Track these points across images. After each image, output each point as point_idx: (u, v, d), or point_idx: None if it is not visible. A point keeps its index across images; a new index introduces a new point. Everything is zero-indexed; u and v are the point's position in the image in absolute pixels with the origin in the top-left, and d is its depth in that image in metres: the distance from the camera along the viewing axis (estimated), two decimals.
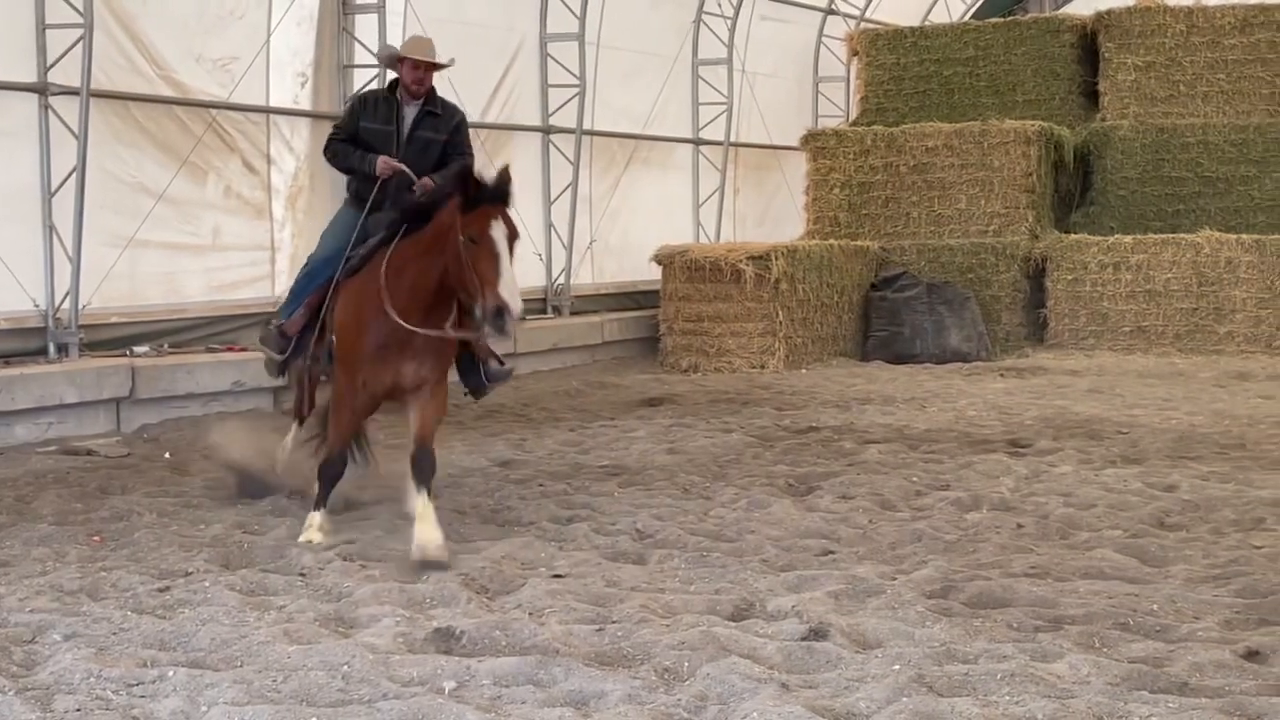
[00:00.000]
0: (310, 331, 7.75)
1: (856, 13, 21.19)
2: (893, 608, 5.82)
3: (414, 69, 7.82)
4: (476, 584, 6.26)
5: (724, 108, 18.99)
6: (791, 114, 20.54)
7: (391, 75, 8.22)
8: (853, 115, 20.32)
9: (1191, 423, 11.18)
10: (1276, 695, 4.75)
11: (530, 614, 5.76)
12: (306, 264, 8.04)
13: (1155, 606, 5.86)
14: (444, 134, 7.93)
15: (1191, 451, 9.79)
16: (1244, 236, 16.16)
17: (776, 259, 15.35)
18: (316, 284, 7.73)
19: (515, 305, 6.71)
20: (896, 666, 5.05)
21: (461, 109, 8.16)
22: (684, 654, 5.18)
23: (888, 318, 16.53)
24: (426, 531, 6.72)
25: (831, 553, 6.93)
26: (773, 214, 20.38)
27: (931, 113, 18.53)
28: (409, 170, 7.62)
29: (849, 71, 20.77)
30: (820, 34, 21.16)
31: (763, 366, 15.30)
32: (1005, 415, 11.74)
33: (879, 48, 19.32)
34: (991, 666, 4.99)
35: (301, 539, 7.08)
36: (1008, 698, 4.73)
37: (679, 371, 15.38)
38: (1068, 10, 21.35)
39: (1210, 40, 17.50)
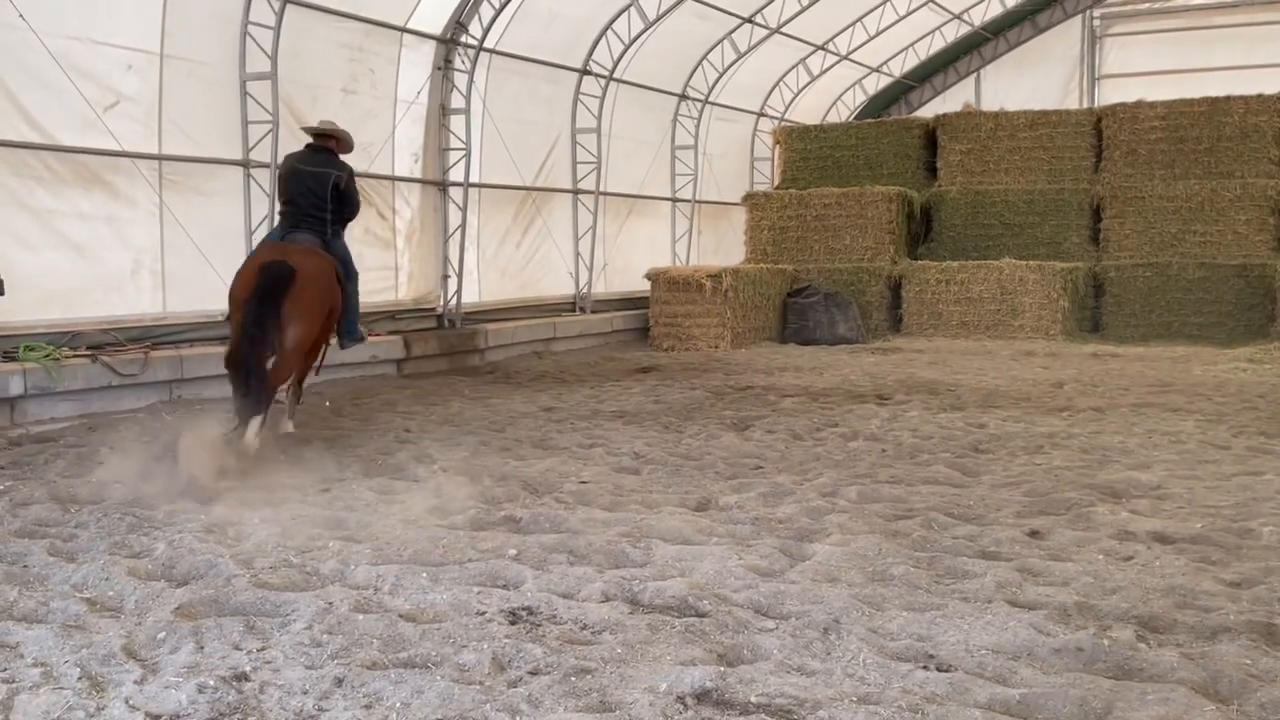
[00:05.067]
0: None
1: (778, 115, 21.10)
2: (800, 503, 5.83)
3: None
4: (530, 486, 6.27)
5: (690, 177, 18.91)
6: (736, 181, 20.45)
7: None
8: (776, 182, 20.24)
9: (996, 384, 11.18)
10: (1050, 560, 4.78)
11: (564, 505, 5.78)
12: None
13: (971, 503, 5.88)
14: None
15: (996, 403, 9.80)
16: (1030, 263, 16.10)
17: (726, 276, 15.32)
18: None
19: None
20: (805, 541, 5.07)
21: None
22: (667, 532, 5.20)
23: (798, 315, 16.49)
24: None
25: (761, 468, 6.94)
26: (724, 247, 20.31)
27: (828, 181, 18.45)
28: None
29: (774, 153, 20.69)
30: (755, 129, 21.06)
31: (716, 347, 15.27)
32: (874, 379, 11.73)
33: (793, 138, 19.22)
34: (866, 541, 5.01)
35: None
36: (878, 559, 4.75)
37: (662, 350, 15.34)
38: (918, 114, 21.31)
39: (1010, 133, 17.39)
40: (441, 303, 13.32)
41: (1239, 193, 15.85)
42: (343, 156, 7.76)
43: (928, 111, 21.60)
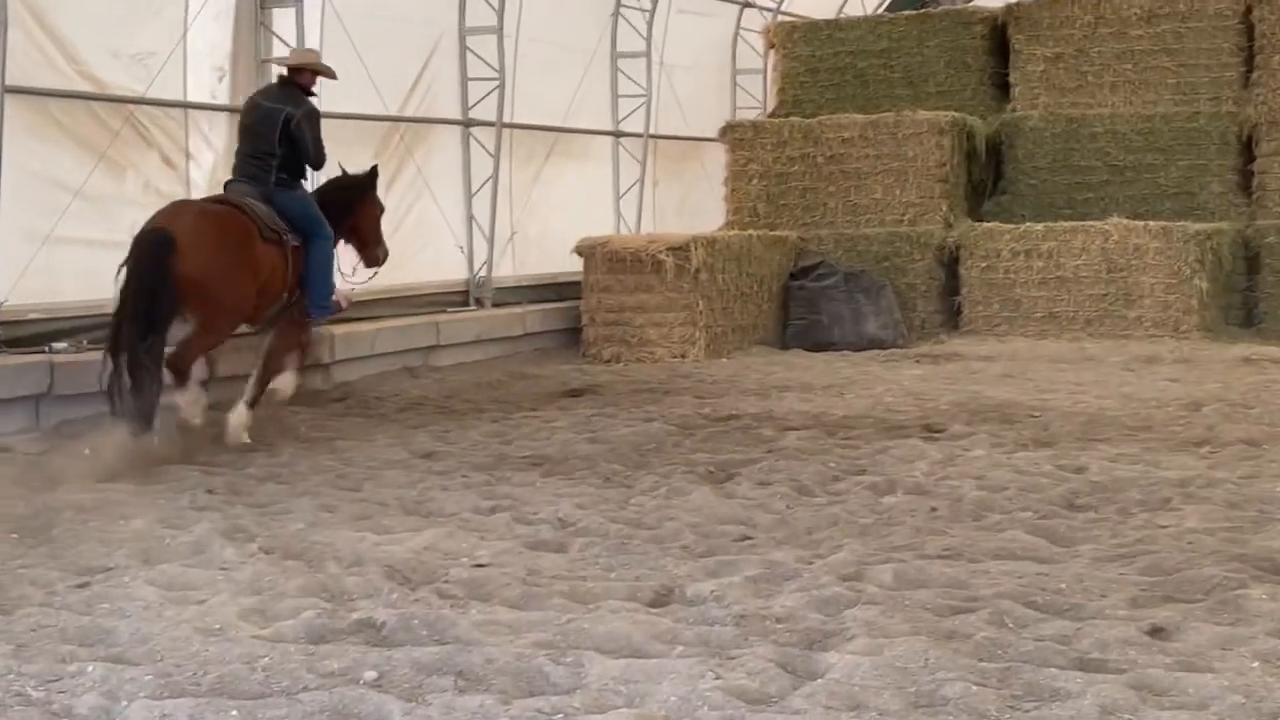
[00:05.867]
0: None
1: (773, 5, 21.25)
2: (808, 591, 5.86)
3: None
4: (399, 574, 6.23)
5: (643, 100, 18.97)
6: (710, 106, 20.55)
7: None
8: (770, 107, 20.39)
9: (1101, 406, 11.31)
10: (1180, 670, 4.83)
11: (451, 602, 5.75)
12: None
13: (1064, 586, 5.93)
14: None
15: (1100, 434, 9.92)
16: (1151, 224, 16.35)
17: (696, 249, 15.39)
18: None
19: None
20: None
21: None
22: (607, 640, 5.20)
23: (806, 306, 16.61)
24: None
25: (749, 538, 6.96)
26: (692, 205, 20.40)
27: (847, 104, 18.64)
28: None
29: (766, 64, 20.84)
30: (738, 26, 21.19)
31: (683, 356, 15.33)
32: (920, 401, 11.83)
33: (795, 40, 19.41)
34: (907, 647, 5.04)
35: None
36: (924, 674, 4.78)
37: (601, 362, 15.38)
38: (979, 3, 21.52)
39: (1117, 31, 17.69)
40: None
41: None
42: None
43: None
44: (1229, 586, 5.83)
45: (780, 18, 20.95)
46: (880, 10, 22.50)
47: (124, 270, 9.08)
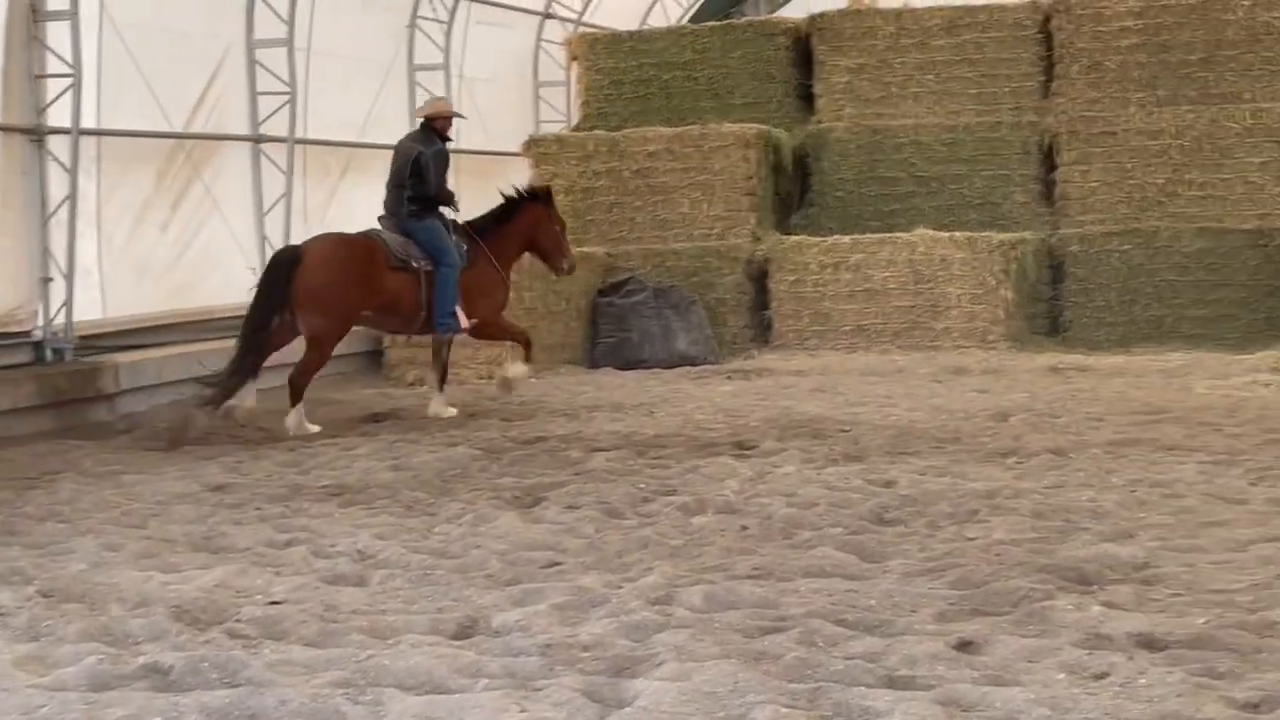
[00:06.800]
0: None
1: (574, 16, 21.32)
2: (616, 617, 5.86)
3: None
4: (188, 614, 6.08)
5: None
6: (512, 119, 20.57)
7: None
8: (574, 120, 20.45)
9: (910, 418, 11.55)
10: (988, 685, 4.92)
11: (243, 642, 5.63)
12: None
13: (873, 603, 6.02)
14: None
15: (910, 447, 10.12)
16: (956, 234, 16.76)
17: None
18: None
19: None
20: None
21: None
22: (408, 675, 5.14)
23: (615, 324, 16.67)
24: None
25: (558, 564, 6.95)
26: None
27: (652, 117, 18.75)
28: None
29: (569, 76, 20.90)
30: (538, 38, 21.24)
31: (491, 377, 15.25)
32: (732, 418, 11.95)
33: (598, 52, 19.47)
34: (716, 671, 5.06)
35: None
36: (733, 698, 4.80)
37: (404, 385, 15.25)
38: (782, 14, 21.90)
39: (919, 42, 18.10)
40: (40, 321, 12.90)
41: (1249, 123, 16.95)
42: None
43: (798, 10, 22.21)
44: (1035, 598, 5.97)
45: (582, 29, 21.03)
46: (685, 20, 22.74)
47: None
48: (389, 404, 13.58)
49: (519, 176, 19.03)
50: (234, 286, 15.48)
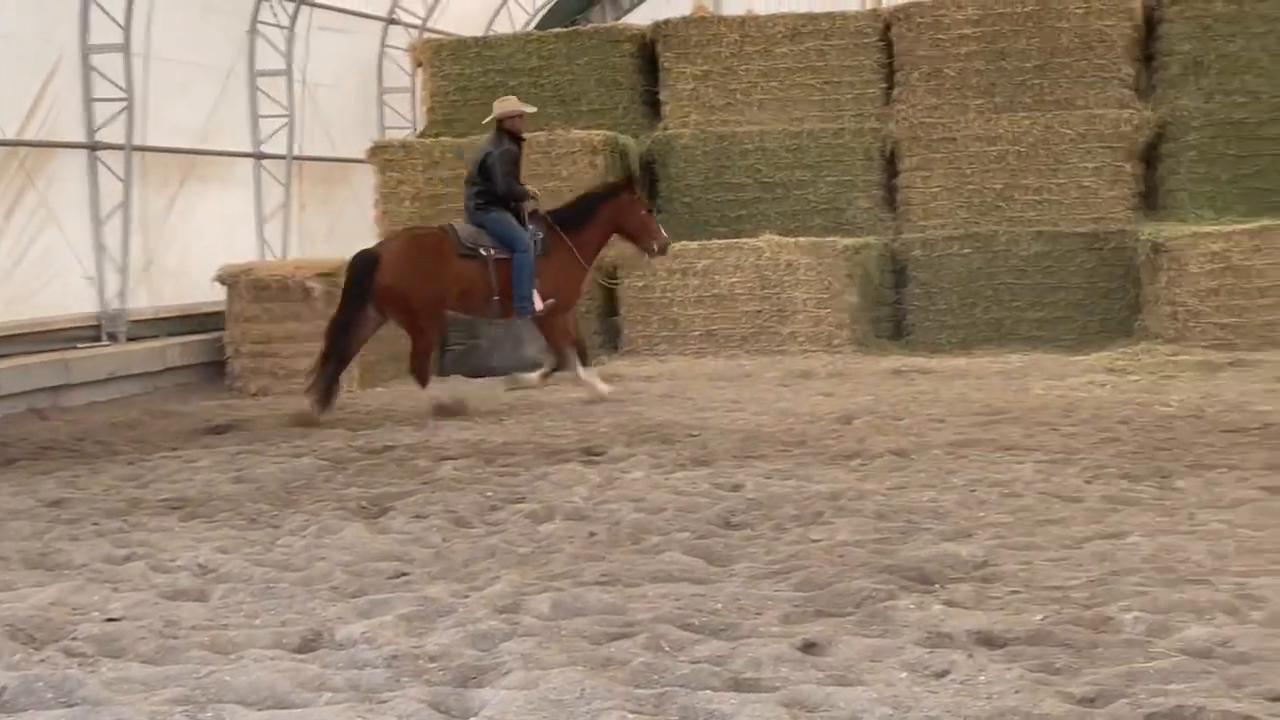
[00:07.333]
0: None
1: (418, 22, 21.20)
2: (463, 626, 5.84)
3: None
4: (21, 632, 5.93)
5: (285, 120, 18.68)
6: (357, 126, 20.40)
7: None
8: (420, 126, 20.34)
9: (758, 422, 11.66)
10: (832, 685, 4.98)
11: (79, 661, 5.52)
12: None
13: (720, 606, 6.07)
14: None
15: (757, 450, 10.21)
16: (801, 239, 16.97)
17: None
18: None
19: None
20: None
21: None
22: (250, 691, 5.07)
23: (463, 331, 16.58)
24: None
25: (404, 574, 6.90)
26: (343, 229, 20.17)
27: None
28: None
29: (414, 82, 20.79)
30: (382, 44, 21.08)
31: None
32: (581, 424, 11.96)
33: (443, 58, 19.38)
34: (563, 679, 5.06)
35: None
36: (580, 705, 4.81)
37: (248, 396, 15.06)
38: (628, 20, 21.98)
39: (763, 49, 18.28)
40: None
41: (1083, 129, 17.37)
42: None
43: (643, 15, 22.34)
44: (878, 598, 6.06)
45: (426, 35, 20.93)
46: (532, 26, 22.73)
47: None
48: (231, 414, 13.39)
49: (364, 183, 18.99)
50: (72, 297, 15.20)
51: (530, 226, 13.31)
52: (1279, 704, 4.69)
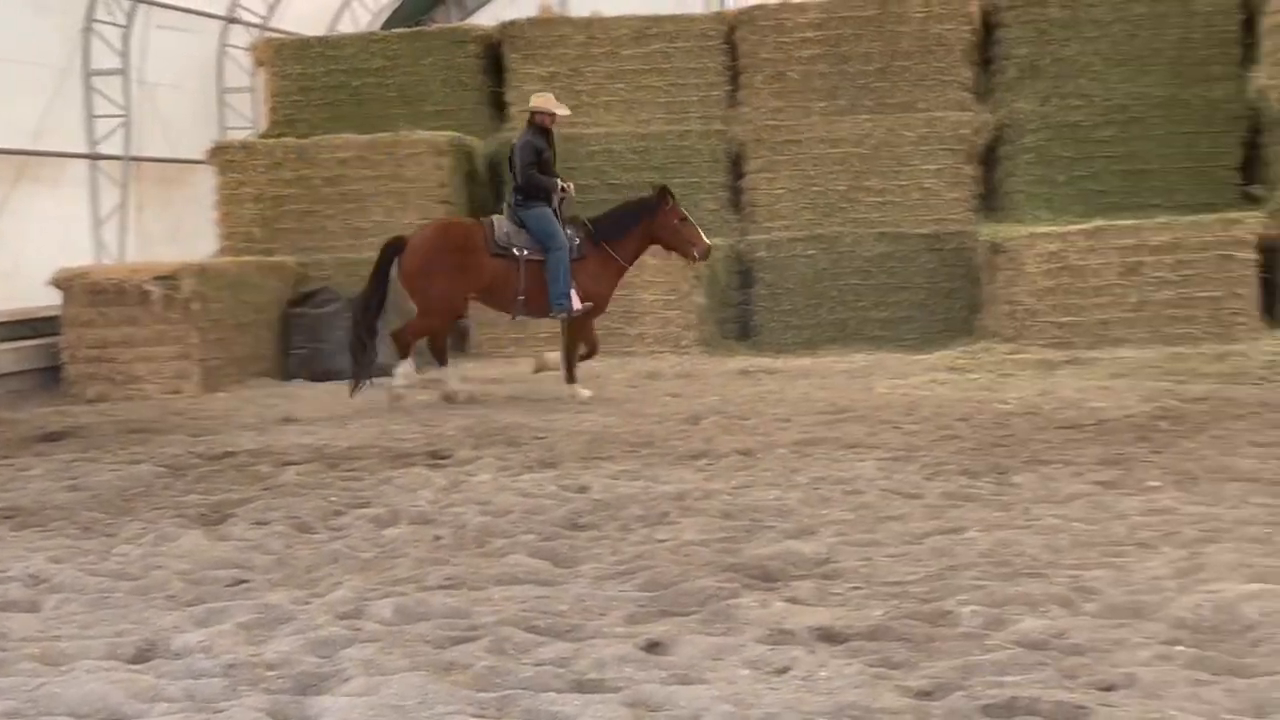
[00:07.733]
0: None
1: (259, 21, 20.92)
2: (304, 633, 5.77)
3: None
4: None
5: (122, 120, 18.31)
6: (197, 126, 20.08)
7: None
8: (262, 127, 20.07)
9: (605, 424, 11.67)
10: (675, 684, 5.01)
11: None
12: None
13: (564, 608, 6.07)
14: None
15: (604, 452, 10.23)
16: None
17: (186, 278, 14.99)
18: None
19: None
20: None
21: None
22: (81, 702, 4.97)
23: (308, 334, 16.40)
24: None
25: (244, 582, 6.81)
26: (184, 231, 19.86)
27: (343, 124, 18.54)
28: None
29: (256, 82, 20.52)
30: (222, 43, 20.77)
31: (177, 392, 14.88)
32: (427, 427, 11.88)
33: (285, 58, 19.15)
34: (404, 684, 5.03)
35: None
36: (421, 710, 4.78)
37: (84, 402, 14.73)
38: (474, 21, 21.90)
39: (609, 51, 18.34)
40: None
41: (924, 131, 17.67)
42: None
43: (490, 16, 22.26)
44: (722, 596, 6.11)
45: (267, 34, 20.66)
46: (377, 27, 22.54)
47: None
48: (66, 421, 13.07)
49: (205, 185, 18.69)
50: None
51: (569, 230, 13.40)
52: (1111, 694, 4.81)
